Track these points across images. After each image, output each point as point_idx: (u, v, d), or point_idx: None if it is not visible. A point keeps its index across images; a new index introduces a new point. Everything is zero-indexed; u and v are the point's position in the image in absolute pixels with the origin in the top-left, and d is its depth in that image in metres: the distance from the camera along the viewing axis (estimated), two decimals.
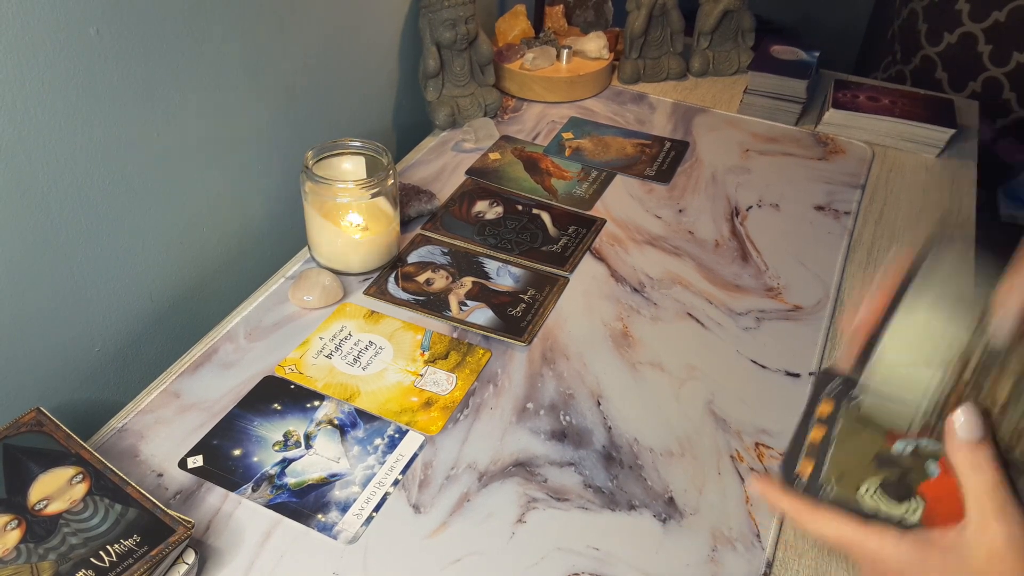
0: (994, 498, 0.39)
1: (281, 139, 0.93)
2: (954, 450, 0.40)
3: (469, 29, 1.08)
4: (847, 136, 1.17)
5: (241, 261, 0.92)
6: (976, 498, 0.39)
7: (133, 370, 0.81)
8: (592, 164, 1.09)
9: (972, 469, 0.40)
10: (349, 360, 0.77)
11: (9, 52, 0.60)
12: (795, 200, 1.03)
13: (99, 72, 0.67)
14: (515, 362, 0.78)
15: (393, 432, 0.71)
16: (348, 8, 0.98)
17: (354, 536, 0.62)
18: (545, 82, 1.22)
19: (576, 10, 1.36)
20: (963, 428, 0.40)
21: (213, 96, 0.81)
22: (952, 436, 0.40)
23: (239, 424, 0.71)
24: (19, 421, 0.63)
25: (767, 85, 1.20)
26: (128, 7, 0.68)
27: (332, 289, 0.84)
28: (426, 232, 0.95)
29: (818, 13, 2.28)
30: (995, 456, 0.40)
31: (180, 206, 0.81)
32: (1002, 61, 1.42)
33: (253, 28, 0.83)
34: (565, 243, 0.94)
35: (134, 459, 0.67)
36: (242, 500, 0.65)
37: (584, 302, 0.86)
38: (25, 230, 0.66)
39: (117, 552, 0.55)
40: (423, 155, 1.09)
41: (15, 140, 0.62)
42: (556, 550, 0.62)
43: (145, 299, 0.80)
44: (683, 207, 1.01)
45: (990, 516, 0.39)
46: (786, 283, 0.90)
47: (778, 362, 0.80)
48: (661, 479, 0.68)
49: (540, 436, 0.71)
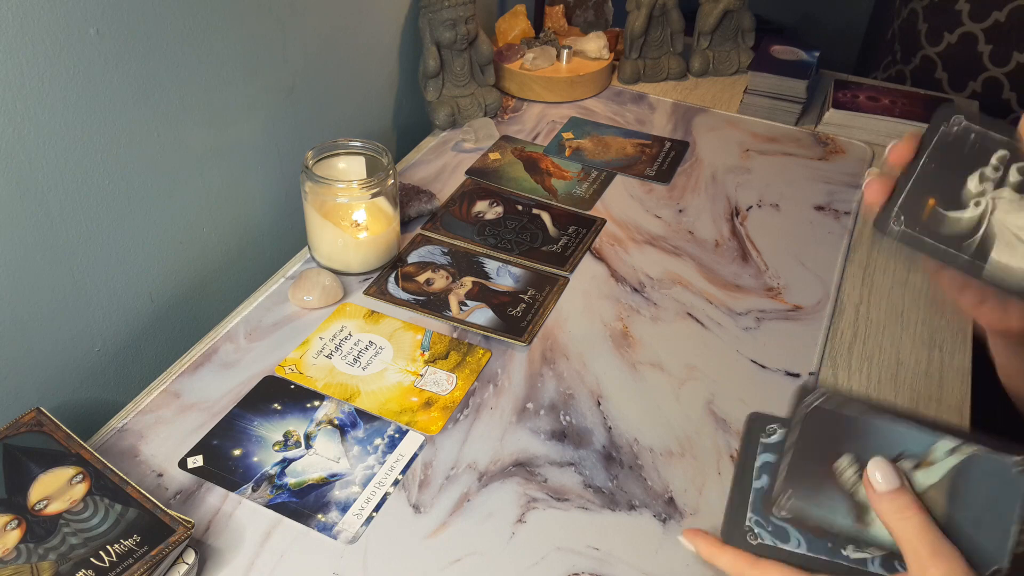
0: (924, 540, 0.40)
1: (281, 139, 0.93)
2: (878, 502, 0.42)
3: (469, 29, 1.08)
4: (847, 136, 1.17)
5: (241, 261, 0.92)
6: (908, 543, 0.40)
7: (133, 370, 0.81)
8: (592, 164, 1.09)
9: (898, 516, 0.41)
10: (349, 360, 0.77)
11: (9, 52, 0.60)
12: (795, 200, 1.03)
13: (99, 72, 0.67)
14: (515, 362, 0.78)
15: (393, 432, 0.71)
16: (348, 8, 0.98)
17: (354, 536, 0.62)
18: (545, 82, 1.22)
19: (576, 10, 1.36)
20: (880, 480, 0.42)
21: (213, 96, 0.81)
22: (871, 490, 0.42)
23: (239, 424, 0.71)
24: (19, 421, 0.63)
25: (767, 85, 1.20)
26: (128, 7, 0.68)
27: (332, 289, 0.84)
28: (426, 232, 0.95)
29: (818, 13, 2.28)
30: (916, 500, 0.41)
31: (180, 206, 0.81)
32: (1002, 61, 1.42)
33: (253, 28, 0.83)
34: (565, 243, 0.94)
35: (134, 459, 0.67)
36: (242, 500, 0.65)
37: (584, 302, 0.86)
38: (25, 230, 0.66)
39: (117, 552, 0.55)
40: (423, 155, 1.09)
41: (15, 140, 0.62)
42: (556, 550, 0.62)
43: (145, 299, 0.80)
44: (683, 207, 1.01)
45: (926, 559, 0.40)
46: (786, 283, 0.90)
47: (778, 362, 0.80)
48: (661, 479, 0.68)
49: (540, 436, 0.71)
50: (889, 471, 0.42)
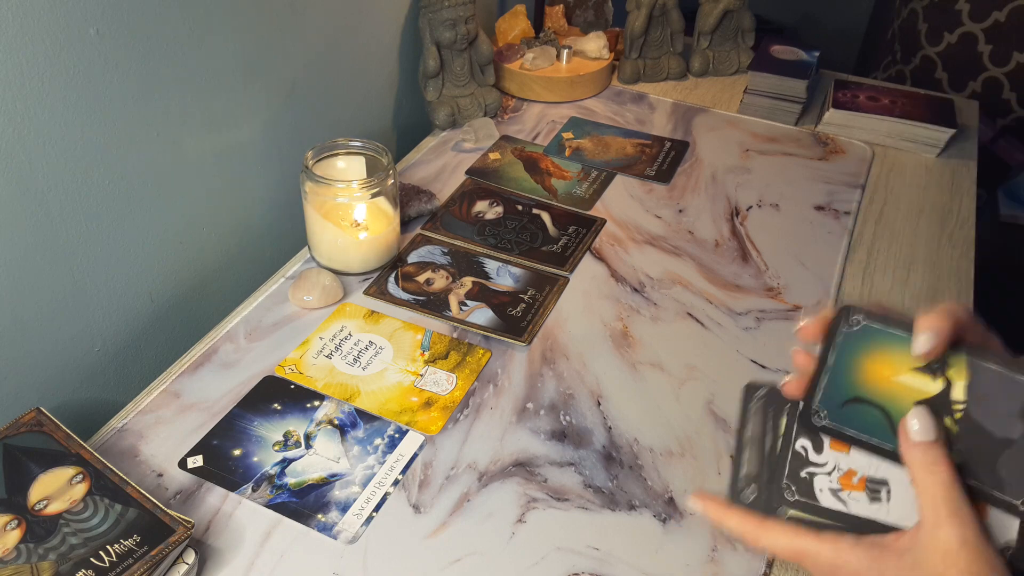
0: (947, 498, 0.39)
1: (281, 139, 0.93)
2: (908, 450, 0.41)
3: (469, 29, 1.09)
4: (847, 136, 1.17)
5: (241, 261, 0.92)
6: (930, 498, 0.40)
7: (133, 370, 0.81)
8: (592, 164, 1.09)
9: (926, 469, 0.40)
10: (349, 360, 0.77)
11: (9, 52, 0.60)
12: (795, 200, 1.03)
13: (99, 72, 0.67)
14: (515, 362, 0.78)
15: (393, 432, 0.71)
16: (348, 8, 0.98)
17: (354, 536, 0.62)
18: (545, 82, 1.22)
19: (576, 10, 1.36)
20: (917, 430, 0.41)
21: (213, 96, 0.81)
22: (906, 437, 0.41)
23: (239, 424, 0.71)
24: (19, 421, 0.63)
25: (767, 85, 1.20)
26: (128, 7, 0.68)
27: (332, 289, 0.84)
28: (426, 232, 0.95)
29: (818, 13, 2.28)
30: (948, 456, 0.40)
31: (180, 206, 0.81)
32: (1002, 61, 1.42)
33: (253, 28, 0.83)
34: (565, 243, 0.94)
35: (134, 459, 0.67)
36: (242, 500, 0.65)
37: (584, 302, 0.86)
38: (25, 230, 0.66)
39: (117, 552, 0.55)
40: (423, 155, 1.09)
41: (15, 140, 0.62)
42: (556, 550, 0.62)
43: (145, 299, 0.80)
44: (683, 207, 1.01)
45: (943, 517, 0.39)
46: (786, 283, 0.90)
47: (778, 362, 0.80)
48: (661, 479, 0.68)
49: (540, 436, 0.71)
50: (929, 422, 0.41)
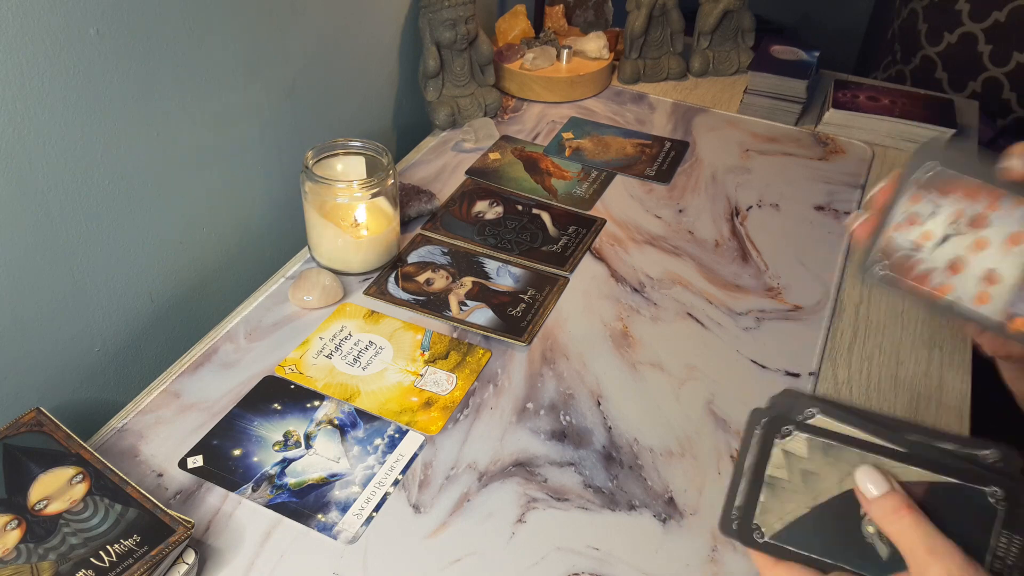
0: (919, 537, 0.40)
1: (281, 139, 0.93)
2: (870, 509, 0.42)
3: (469, 29, 1.09)
4: (847, 136, 1.17)
5: (241, 261, 0.92)
6: (907, 544, 0.40)
7: (133, 370, 0.81)
8: (592, 164, 1.09)
9: (891, 520, 0.41)
10: (349, 360, 0.77)
11: (9, 52, 0.60)
12: (795, 200, 1.03)
13: (99, 72, 0.67)
14: (515, 362, 0.78)
15: (393, 432, 0.71)
16: (348, 8, 0.98)
17: (354, 536, 0.62)
18: (545, 82, 1.22)
19: (576, 10, 1.36)
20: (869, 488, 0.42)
21: (213, 96, 0.81)
22: (865, 501, 0.42)
23: (239, 424, 0.71)
24: (19, 421, 0.63)
25: (767, 85, 1.20)
26: (128, 7, 0.68)
27: (332, 289, 0.84)
28: (426, 232, 0.95)
29: (818, 13, 2.28)
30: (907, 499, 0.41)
31: (180, 206, 0.81)
32: (1002, 61, 1.42)
33: (253, 28, 0.83)
34: (565, 243, 0.94)
35: (134, 459, 0.67)
36: (242, 500, 0.65)
37: (584, 302, 0.86)
38: (25, 230, 0.66)
39: (117, 552, 0.55)
40: (423, 155, 1.09)
41: (15, 140, 0.62)
42: (556, 550, 0.62)
43: (145, 299, 0.80)
44: (683, 207, 1.01)
45: (923, 557, 0.40)
46: (786, 283, 0.90)
47: (778, 362, 0.80)
48: (661, 479, 0.68)
49: (540, 436, 0.71)
50: (878, 476, 0.42)
